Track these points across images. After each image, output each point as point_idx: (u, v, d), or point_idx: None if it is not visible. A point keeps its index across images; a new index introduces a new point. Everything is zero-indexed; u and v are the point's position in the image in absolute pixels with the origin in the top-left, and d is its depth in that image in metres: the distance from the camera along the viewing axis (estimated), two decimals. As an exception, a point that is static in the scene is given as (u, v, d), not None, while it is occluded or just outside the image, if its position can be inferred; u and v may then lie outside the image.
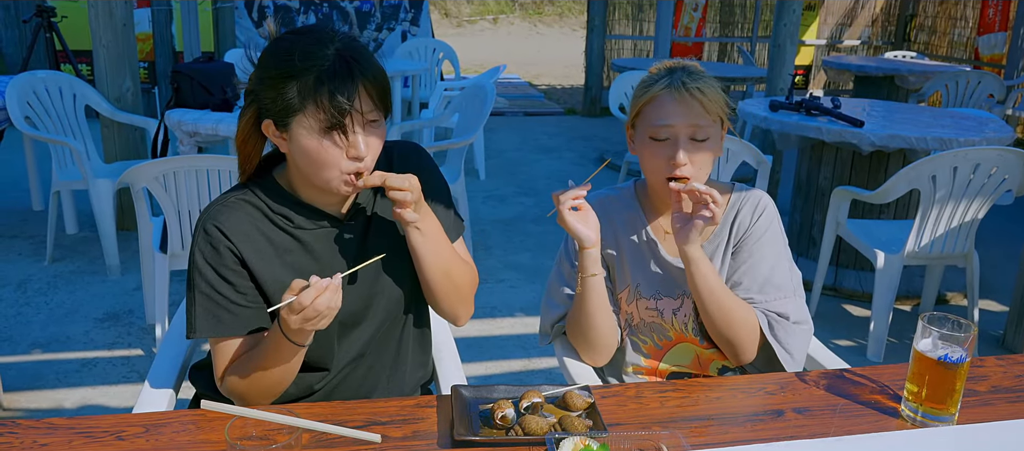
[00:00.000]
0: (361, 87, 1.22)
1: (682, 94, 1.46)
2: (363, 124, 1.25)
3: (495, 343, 3.31)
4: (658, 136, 1.48)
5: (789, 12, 5.24)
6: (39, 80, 3.93)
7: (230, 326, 1.32)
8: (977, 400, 1.36)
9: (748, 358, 1.52)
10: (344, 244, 1.38)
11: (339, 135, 1.23)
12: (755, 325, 1.50)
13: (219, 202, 1.34)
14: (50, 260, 3.95)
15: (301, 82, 1.21)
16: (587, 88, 9.07)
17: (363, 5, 8.37)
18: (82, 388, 2.84)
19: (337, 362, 1.42)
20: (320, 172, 1.26)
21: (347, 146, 1.24)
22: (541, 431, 1.18)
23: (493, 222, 4.93)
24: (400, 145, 1.49)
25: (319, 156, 1.24)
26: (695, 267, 1.46)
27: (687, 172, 1.46)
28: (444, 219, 1.46)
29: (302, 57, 1.21)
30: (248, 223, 1.32)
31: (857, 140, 3.55)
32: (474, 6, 20.18)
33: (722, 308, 1.47)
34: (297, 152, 1.26)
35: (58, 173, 3.93)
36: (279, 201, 1.34)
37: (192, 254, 1.33)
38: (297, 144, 1.25)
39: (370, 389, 1.47)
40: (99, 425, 1.19)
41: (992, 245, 4.47)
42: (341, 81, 1.20)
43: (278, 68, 1.23)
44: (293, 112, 1.23)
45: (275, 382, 1.31)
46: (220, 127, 3.51)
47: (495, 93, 4.19)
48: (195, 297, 1.32)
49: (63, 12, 6.69)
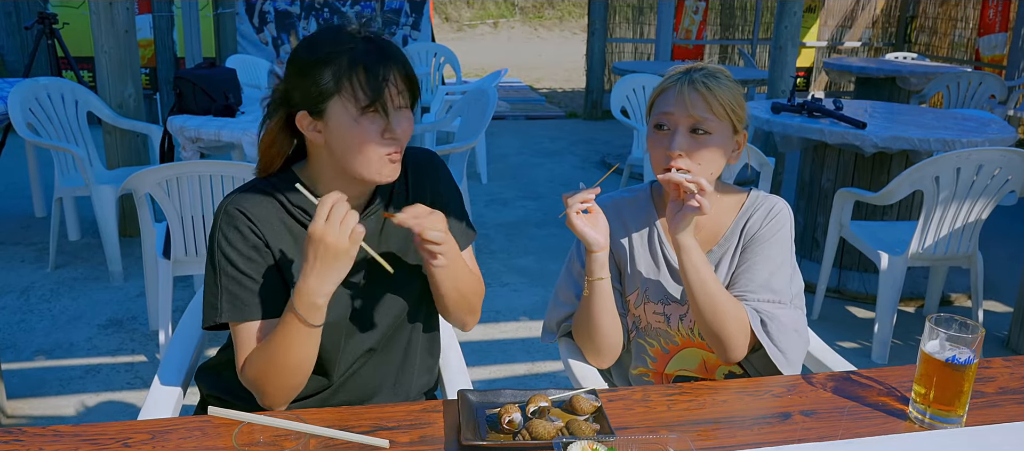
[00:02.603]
0: (392, 69, 1.26)
1: (688, 86, 1.46)
2: (395, 107, 1.28)
3: (499, 347, 3.31)
4: (660, 124, 1.48)
5: (790, 14, 5.25)
6: (41, 87, 3.94)
7: (254, 309, 1.32)
8: (985, 401, 1.35)
9: (737, 356, 1.49)
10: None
11: (375, 115, 1.26)
12: (745, 321, 1.47)
13: (239, 190, 1.36)
14: (53, 267, 3.95)
15: (335, 65, 1.25)
16: (588, 91, 9.08)
17: (364, 9, 8.38)
18: (85, 395, 2.84)
19: (345, 359, 1.42)
20: (358, 155, 1.28)
21: (384, 127, 1.27)
22: (548, 435, 1.17)
23: (496, 226, 4.93)
24: (415, 152, 1.50)
25: (357, 136, 1.27)
26: (686, 255, 1.44)
27: (683, 164, 1.44)
28: (456, 228, 1.48)
29: (333, 44, 1.26)
30: (269, 210, 1.34)
31: (859, 142, 3.55)
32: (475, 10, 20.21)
33: (712, 300, 1.44)
34: (334, 137, 1.28)
35: (60, 180, 3.93)
36: (298, 195, 1.35)
37: (214, 238, 1.33)
38: (334, 128, 1.27)
39: (376, 389, 1.47)
40: (105, 432, 1.19)
41: (996, 246, 4.46)
42: (374, 60, 1.25)
43: (312, 57, 1.27)
44: (329, 96, 1.26)
45: (291, 372, 1.29)
46: (223, 133, 3.51)
47: (496, 97, 4.19)
48: (220, 280, 1.31)
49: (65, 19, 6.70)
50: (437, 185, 1.49)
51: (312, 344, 1.28)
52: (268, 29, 8.25)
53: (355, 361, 1.43)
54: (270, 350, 1.28)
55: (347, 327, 1.40)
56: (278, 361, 1.27)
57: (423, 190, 1.47)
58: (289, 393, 1.32)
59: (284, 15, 8.22)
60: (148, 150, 4.41)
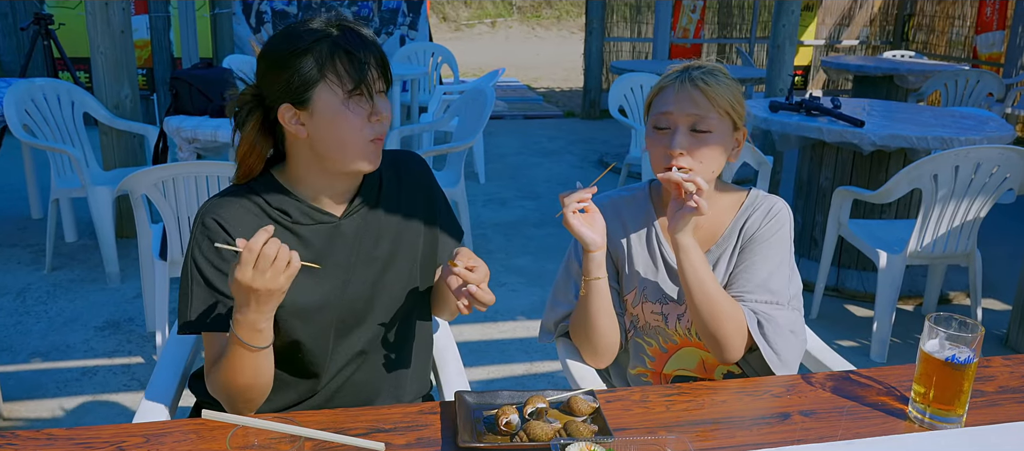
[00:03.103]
0: (370, 54, 1.28)
1: (686, 84, 1.45)
2: (377, 90, 1.29)
3: (497, 347, 3.30)
4: (659, 124, 1.47)
5: (788, 13, 5.24)
6: (37, 88, 3.92)
7: (221, 321, 1.31)
8: (985, 401, 1.35)
9: (734, 356, 1.48)
10: (341, 241, 1.38)
11: (361, 98, 1.27)
12: (742, 322, 1.46)
13: (217, 197, 1.35)
14: (49, 268, 3.94)
15: (317, 52, 1.25)
16: (586, 91, 9.07)
17: (361, 9, 8.37)
18: (82, 397, 2.83)
19: (337, 361, 1.41)
20: (345, 141, 1.28)
21: (370, 110, 1.28)
22: (546, 437, 1.16)
23: (494, 226, 4.92)
24: (405, 155, 1.51)
25: (345, 121, 1.27)
26: (684, 255, 1.44)
27: (684, 162, 1.44)
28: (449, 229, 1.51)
29: (310, 34, 1.26)
30: (247, 218, 1.32)
31: (858, 140, 3.55)
32: (472, 10, 20.20)
33: (710, 300, 1.44)
34: (319, 126, 1.28)
35: (57, 181, 3.92)
36: (279, 198, 1.35)
37: (190, 247, 1.32)
38: (320, 116, 1.27)
39: (371, 394, 1.46)
40: (99, 436, 1.18)
41: (994, 244, 4.46)
42: (355, 45, 1.26)
43: (289, 48, 1.26)
44: (313, 84, 1.26)
45: (247, 388, 1.27)
46: (219, 133, 3.50)
47: (494, 96, 4.18)
48: (192, 289, 1.31)
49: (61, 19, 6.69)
50: (431, 190, 1.50)
51: (263, 363, 1.25)
52: (265, 29, 8.24)
53: (346, 365, 1.42)
54: (225, 368, 1.26)
55: (337, 329, 1.39)
56: (233, 380, 1.26)
57: (415, 191, 1.47)
58: (251, 405, 1.31)
59: (281, 15, 8.21)
60: (144, 151, 4.39)
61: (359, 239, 1.39)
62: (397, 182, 1.46)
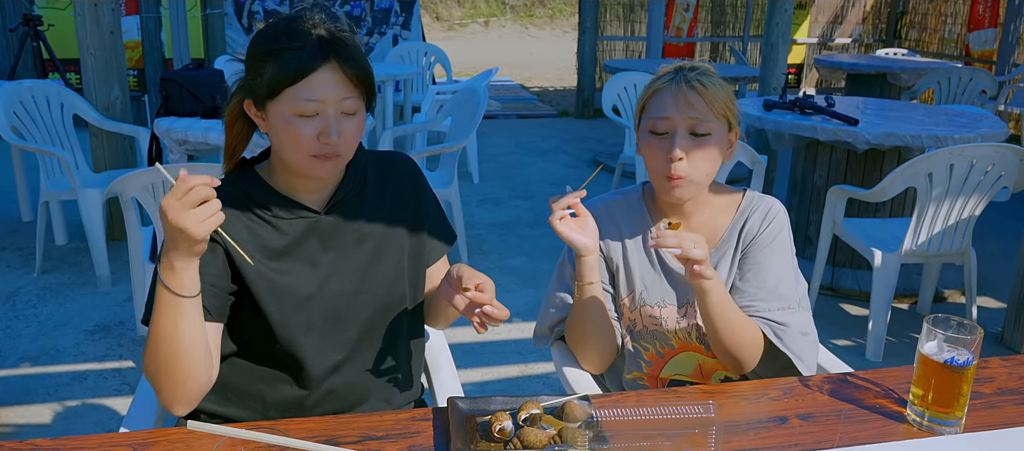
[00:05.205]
0: (338, 72, 1.25)
1: (683, 87, 1.43)
2: (337, 110, 1.26)
3: (491, 349, 3.28)
4: (657, 129, 1.45)
5: (781, 11, 5.23)
6: (26, 89, 3.89)
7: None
8: (983, 403, 1.33)
9: (750, 368, 1.49)
10: (319, 234, 1.37)
11: (308, 118, 1.25)
12: (759, 336, 1.46)
13: None
14: (39, 272, 3.90)
15: (278, 63, 1.24)
16: (580, 90, 9.06)
17: (353, 9, 8.34)
18: (72, 401, 2.80)
19: (323, 363, 1.38)
20: (290, 153, 1.28)
21: (320, 130, 1.26)
22: (540, 444, 1.15)
23: (488, 226, 4.90)
24: (394, 156, 1.49)
25: (290, 136, 1.26)
26: (706, 297, 1.40)
27: (683, 167, 1.43)
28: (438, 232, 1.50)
29: (286, 38, 1.25)
30: (228, 210, 1.30)
31: (852, 139, 3.54)
32: (465, 9, 20.17)
33: (733, 329, 1.43)
34: (273, 129, 1.29)
35: (46, 183, 3.88)
36: (259, 192, 1.35)
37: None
38: (272, 120, 1.28)
39: (360, 397, 1.44)
40: (85, 445, 1.16)
41: (989, 242, 4.46)
42: (319, 61, 1.23)
43: (261, 48, 1.27)
44: (270, 93, 1.26)
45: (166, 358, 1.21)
46: (210, 135, 3.47)
47: (487, 96, 4.16)
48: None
49: (50, 20, 6.64)
50: (419, 191, 1.49)
51: (183, 322, 1.20)
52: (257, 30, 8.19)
53: (333, 370, 1.40)
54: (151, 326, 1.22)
55: (319, 330, 1.37)
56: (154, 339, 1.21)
57: (402, 193, 1.45)
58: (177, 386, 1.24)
59: (273, 15, 8.17)
60: (135, 153, 4.36)
61: (339, 235, 1.38)
62: (383, 183, 1.44)
